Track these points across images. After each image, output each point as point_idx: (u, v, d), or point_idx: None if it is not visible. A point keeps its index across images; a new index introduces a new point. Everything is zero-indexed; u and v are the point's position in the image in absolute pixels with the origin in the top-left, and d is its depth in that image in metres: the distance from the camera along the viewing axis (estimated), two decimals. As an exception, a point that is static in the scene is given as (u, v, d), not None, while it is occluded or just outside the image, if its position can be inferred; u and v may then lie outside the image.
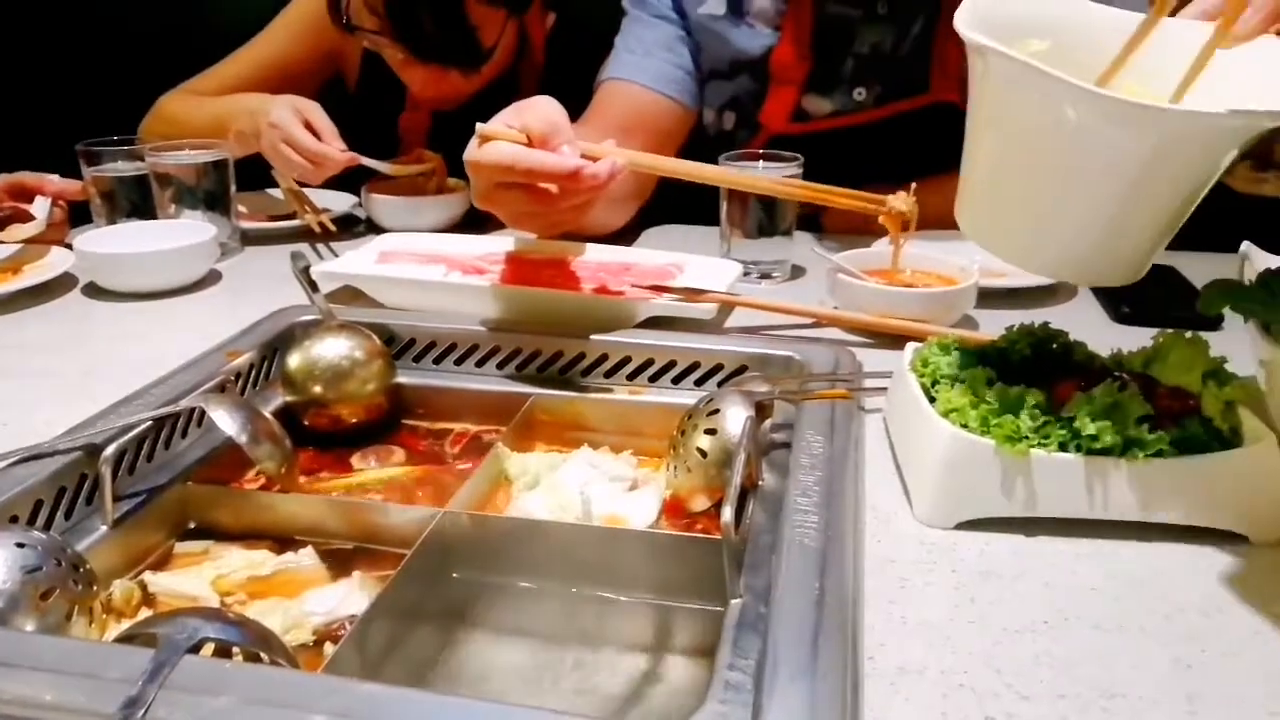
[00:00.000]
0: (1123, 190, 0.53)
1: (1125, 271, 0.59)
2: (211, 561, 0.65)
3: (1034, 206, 0.57)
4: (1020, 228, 0.59)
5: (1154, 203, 0.55)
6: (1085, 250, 0.58)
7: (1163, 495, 0.57)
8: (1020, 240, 0.60)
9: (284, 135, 1.16)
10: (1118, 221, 0.55)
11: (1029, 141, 0.55)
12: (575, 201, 0.83)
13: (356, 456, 0.78)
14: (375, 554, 0.66)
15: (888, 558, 0.57)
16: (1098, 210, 0.55)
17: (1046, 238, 0.58)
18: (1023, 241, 0.60)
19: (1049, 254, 0.59)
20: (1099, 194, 0.54)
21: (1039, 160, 0.56)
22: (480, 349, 0.86)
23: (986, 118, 0.58)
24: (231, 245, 1.17)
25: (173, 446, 0.72)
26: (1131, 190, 0.53)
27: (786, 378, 0.78)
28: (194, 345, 0.83)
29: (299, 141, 1.16)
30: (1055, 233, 0.57)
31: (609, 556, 0.63)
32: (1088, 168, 0.53)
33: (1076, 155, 0.53)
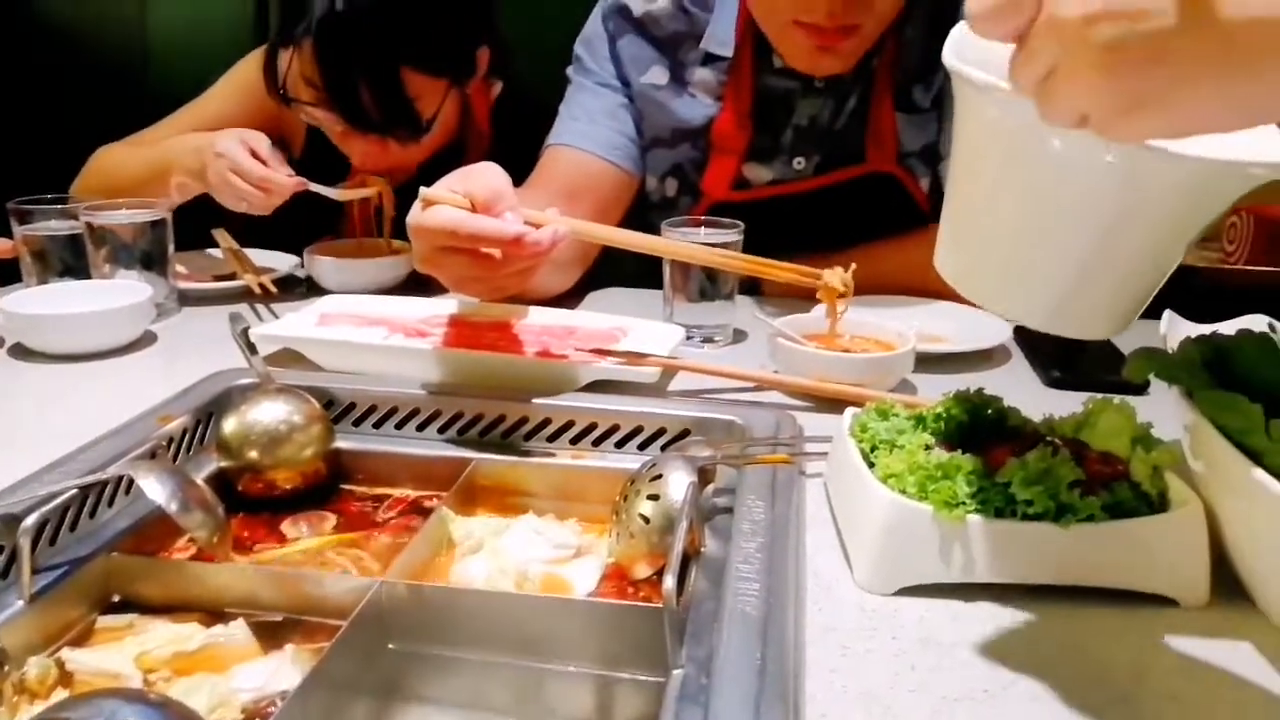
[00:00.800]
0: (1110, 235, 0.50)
1: (1111, 323, 0.57)
2: (135, 636, 0.62)
3: (1019, 251, 0.55)
4: (1004, 274, 0.57)
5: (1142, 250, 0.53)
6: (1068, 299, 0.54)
7: (1094, 560, 0.59)
8: (1004, 287, 0.58)
9: (231, 164, 1.15)
10: (1103, 269, 0.53)
11: (1013, 182, 0.54)
12: (518, 267, 0.84)
13: (287, 523, 0.77)
14: (309, 625, 0.64)
15: (829, 625, 0.57)
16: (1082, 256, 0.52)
17: (1029, 284, 0.56)
18: (1006, 288, 0.58)
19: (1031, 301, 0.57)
20: (1085, 238, 0.52)
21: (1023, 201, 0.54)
22: (421, 413, 0.85)
23: (968, 157, 0.56)
24: (168, 306, 1.15)
25: (98, 516, 0.70)
26: (1118, 236, 0.52)
27: (729, 442, 0.78)
28: (126, 409, 0.81)
29: (247, 169, 1.15)
30: (1038, 279, 0.55)
31: (550, 626, 0.62)
32: (1074, 208, 0.51)
33: (1063, 193, 0.51)
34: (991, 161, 0.55)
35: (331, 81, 1.20)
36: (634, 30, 1.24)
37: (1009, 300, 0.58)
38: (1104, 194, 0.50)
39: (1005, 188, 0.54)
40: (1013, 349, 1.05)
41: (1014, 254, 0.56)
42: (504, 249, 0.81)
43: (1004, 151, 0.53)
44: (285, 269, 1.29)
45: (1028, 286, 0.56)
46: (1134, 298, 0.56)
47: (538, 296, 1.12)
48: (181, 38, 1.84)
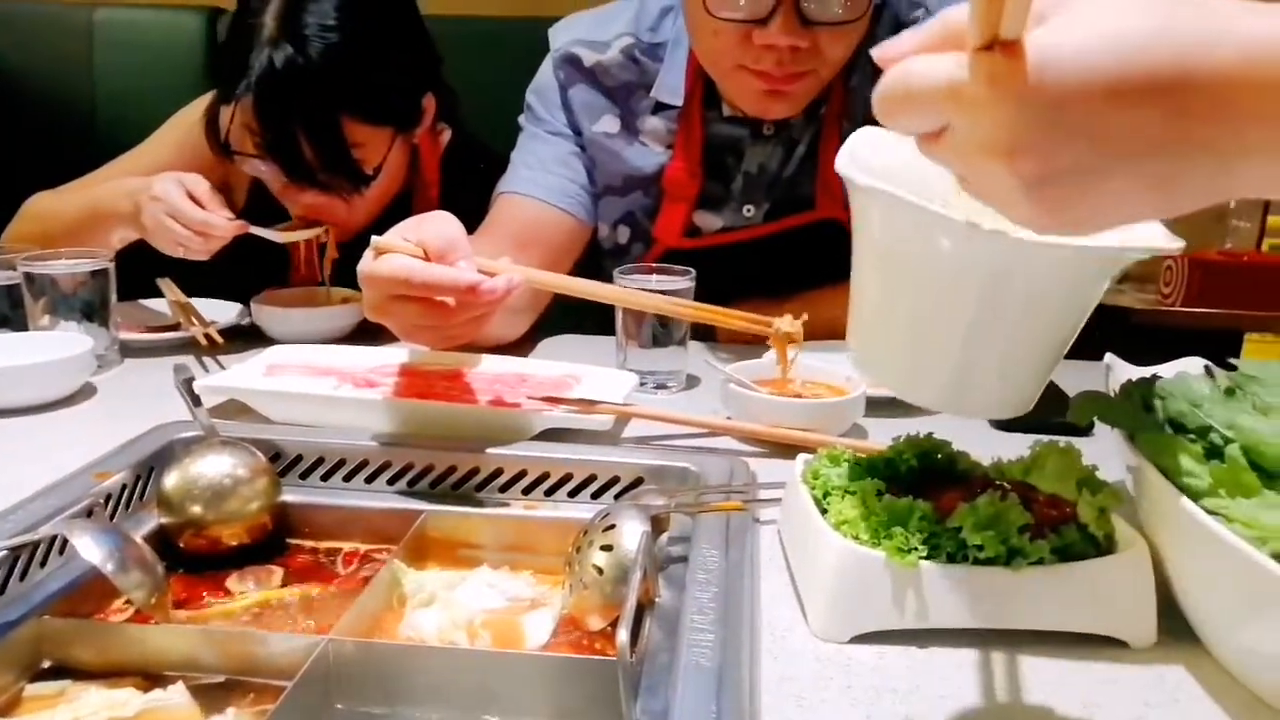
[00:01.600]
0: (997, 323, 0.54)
1: (1012, 404, 0.59)
2: (68, 704, 0.59)
3: (912, 341, 0.58)
4: (900, 362, 0.60)
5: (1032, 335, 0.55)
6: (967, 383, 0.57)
7: (1045, 603, 0.59)
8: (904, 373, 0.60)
9: (167, 208, 1.13)
10: (999, 354, 0.56)
11: (906, 276, 0.56)
12: (471, 315, 0.83)
13: (233, 579, 0.74)
14: (253, 686, 0.62)
15: (784, 674, 0.56)
16: (978, 343, 0.55)
17: (928, 372, 0.58)
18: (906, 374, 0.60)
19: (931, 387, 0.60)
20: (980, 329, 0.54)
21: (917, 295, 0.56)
22: (370, 464, 0.84)
23: (867, 255, 0.59)
24: (110, 357, 1.12)
25: (29, 577, 0.67)
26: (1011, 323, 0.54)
27: (682, 490, 0.78)
28: (62, 465, 0.79)
29: (184, 213, 1.12)
30: (937, 367, 0.57)
31: (502, 681, 0.61)
32: (951, 299, 0.54)
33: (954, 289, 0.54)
34: (872, 258, 0.58)
35: (272, 137, 1.18)
36: (585, 80, 1.26)
37: (908, 388, 0.61)
38: (978, 284, 0.52)
39: (888, 283, 0.57)
40: (961, 392, 1.06)
41: (904, 345, 0.58)
42: (458, 297, 0.81)
43: (883, 248, 0.56)
44: (231, 319, 1.27)
45: (922, 375, 0.59)
46: (1031, 379, 0.58)
47: (489, 344, 1.12)
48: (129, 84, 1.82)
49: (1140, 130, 0.37)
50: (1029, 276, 0.52)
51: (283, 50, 1.14)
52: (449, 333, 0.86)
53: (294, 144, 1.18)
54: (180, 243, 1.14)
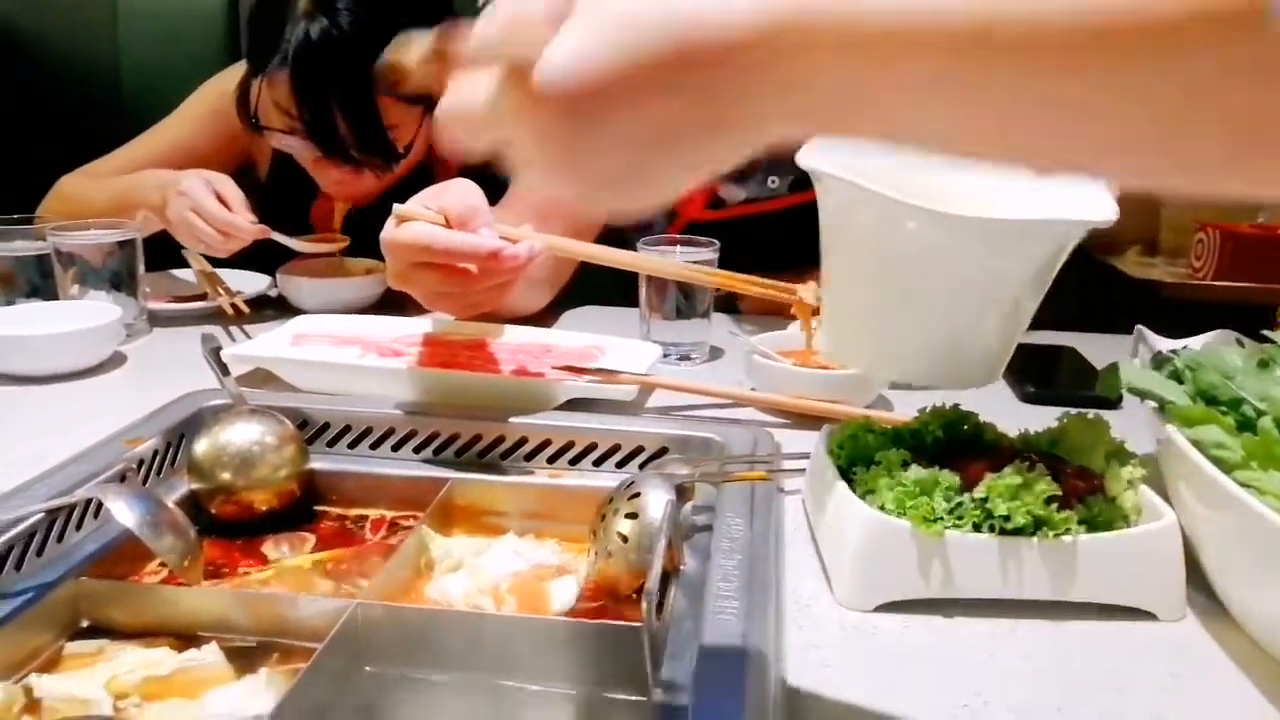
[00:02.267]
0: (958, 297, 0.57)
1: (977, 375, 0.62)
2: (106, 662, 0.61)
3: (877, 320, 0.61)
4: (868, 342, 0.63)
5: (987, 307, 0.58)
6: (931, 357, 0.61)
7: (1072, 574, 0.59)
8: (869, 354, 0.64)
9: (192, 204, 1.14)
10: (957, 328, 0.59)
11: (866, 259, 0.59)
12: (494, 282, 0.83)
13: (268, 544, 0.75)
14: (284, 649, 0.63)
15: (809, 642, 0.57)
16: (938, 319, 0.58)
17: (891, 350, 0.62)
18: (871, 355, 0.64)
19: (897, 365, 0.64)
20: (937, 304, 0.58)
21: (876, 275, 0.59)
22: (396, 432, 0.85)
23: (830, 242, 0.61)
24: (139, 327, 1.14)
25: (65, 540, 0.68)
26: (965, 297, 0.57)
27: (707, 460, 0.78)
28: (94, 432, 0.80)
29: (208, 211, 1.13)
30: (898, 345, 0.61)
31: (529, 646, 0.61)
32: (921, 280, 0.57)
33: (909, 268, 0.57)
34: (829, 238, 0.61)
35: (308, 112, 1.19)
36: (608, 50, 1.24)
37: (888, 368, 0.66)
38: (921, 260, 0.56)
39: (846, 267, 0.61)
40: (987, 365, 1.06)
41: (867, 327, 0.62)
42: (480, 264, 0.81)
43: (833, 229, 0.60)
44: (258, 289, 1.28)
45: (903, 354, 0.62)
46: (1004, 347, 0.61)
47: (513, 314, 1.12)
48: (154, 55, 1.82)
49: (660, 124, 0.34)
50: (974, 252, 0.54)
51: (318, 23, 1.15)
52: (471, 300, 0.86)
53: (329, 120, 1.18)
54: (202, 240, 1.15)
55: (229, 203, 1.15)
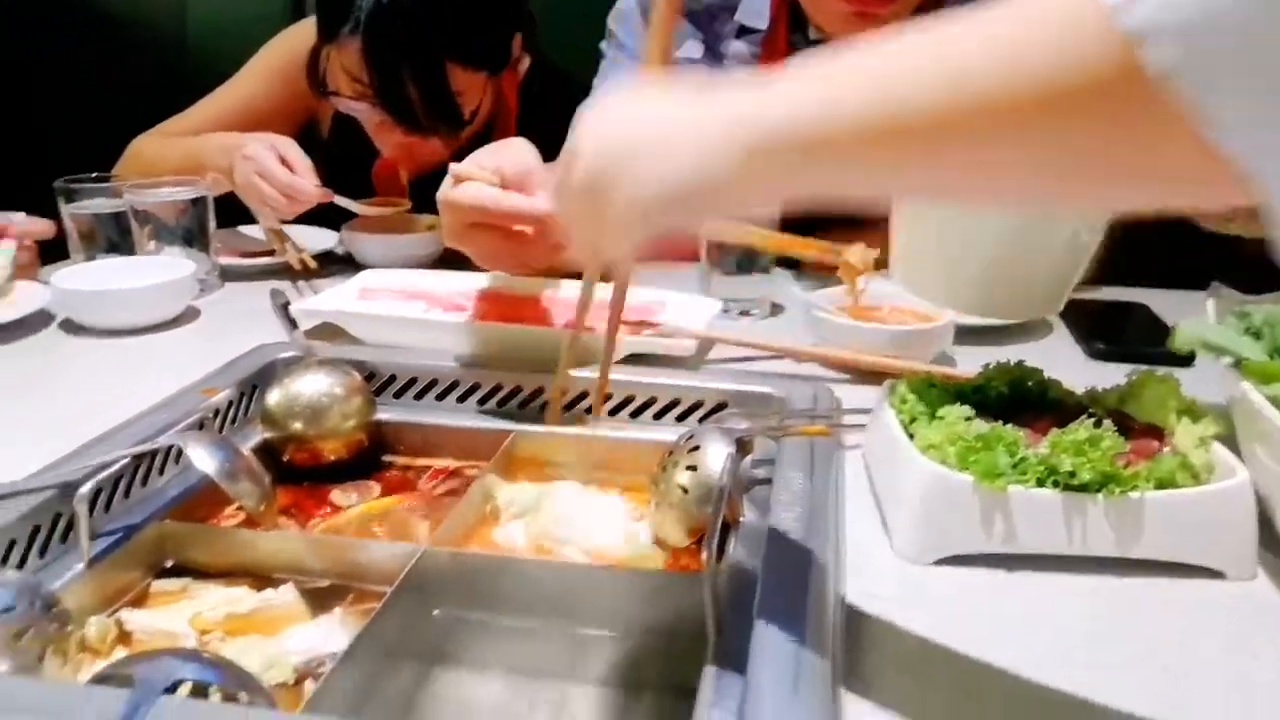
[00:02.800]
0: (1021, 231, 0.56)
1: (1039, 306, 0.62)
2: (189, 599, 0.64)
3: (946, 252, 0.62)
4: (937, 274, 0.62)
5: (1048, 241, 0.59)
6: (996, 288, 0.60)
7: (1138, 531, 0.58)
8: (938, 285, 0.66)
9: (258, 168, 1.16)
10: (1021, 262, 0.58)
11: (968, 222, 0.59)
12: (548, 244, 0.84)
13: (337, 492, 0.78)
14: (356, 591, 0.66)
15: (868, 594, 0.57)
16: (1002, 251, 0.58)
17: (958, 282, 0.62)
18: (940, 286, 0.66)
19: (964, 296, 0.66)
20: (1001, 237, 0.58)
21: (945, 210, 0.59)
22: (460, 385, 0.86)
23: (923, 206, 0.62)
24: (211, 282, 1.17)
25: (150, 484, 0.71)
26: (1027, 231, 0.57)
27: (767, 414, 0.78)
28: (171, 382, 0.83)
29: (273, 174, 1.16)
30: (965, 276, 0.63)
31: (590, 593, 0.63)
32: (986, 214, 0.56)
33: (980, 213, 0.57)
34: None
35: (379, 79, 1.20)
36: (668, 3, 1.23)
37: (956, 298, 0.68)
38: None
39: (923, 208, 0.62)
40: (1054, 321, 1.04)
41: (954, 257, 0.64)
42: (535, 227, 0.81)
43: None
44: (325, 245, 1.30)
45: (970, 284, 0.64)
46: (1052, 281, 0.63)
47: (572, 270, 1.12)
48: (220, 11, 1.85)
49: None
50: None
51: None
52: (525, 260, 0.86)
53: (399, 87, 1.19)
54: (267, 203, 1.18)
55: (293, 166, 1.17)
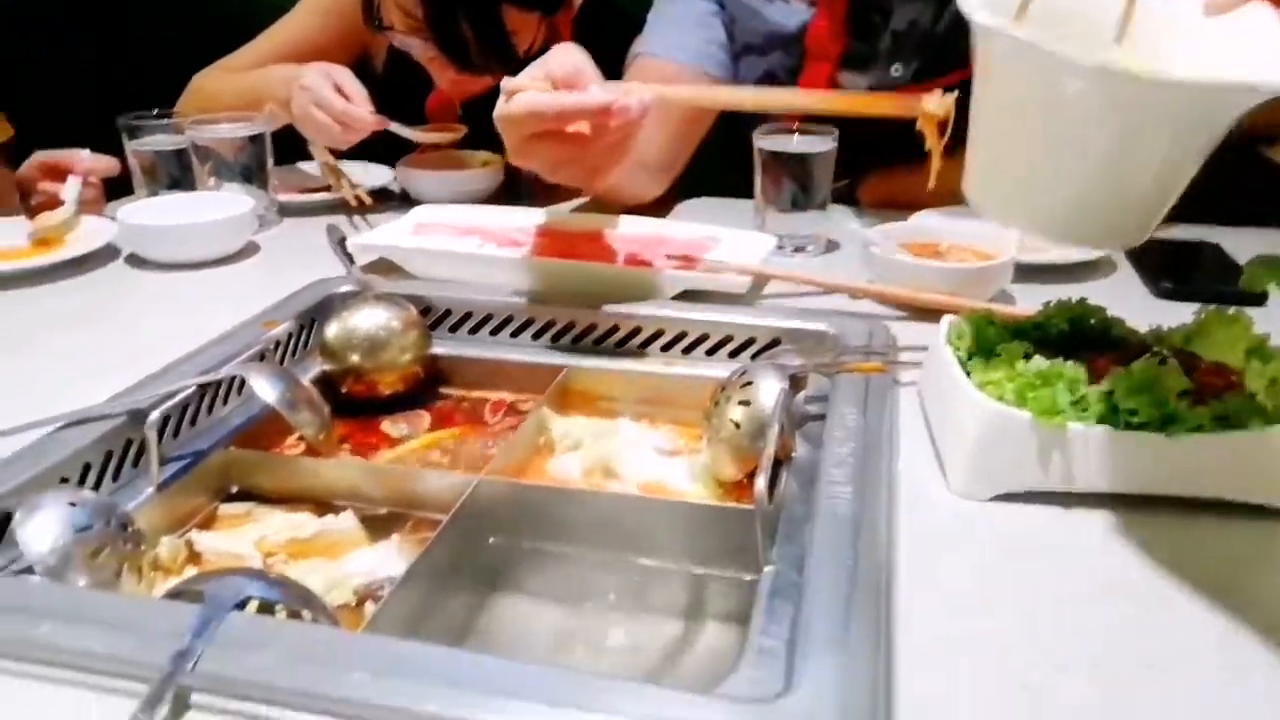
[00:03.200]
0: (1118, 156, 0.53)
1: (1129, 234, 0.58)
2: (254, 523, 0.66)
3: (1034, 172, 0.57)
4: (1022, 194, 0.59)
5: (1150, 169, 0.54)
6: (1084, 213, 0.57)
7: (1202, 470, 0.57)
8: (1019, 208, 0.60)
9: (314, 98, 1.17)
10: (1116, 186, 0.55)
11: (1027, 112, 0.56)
12: (610, 141, 0.82)
13: (387, 422, 0.80)
14: (413, 519, 0.67)
15: (922, 529, 0.57)
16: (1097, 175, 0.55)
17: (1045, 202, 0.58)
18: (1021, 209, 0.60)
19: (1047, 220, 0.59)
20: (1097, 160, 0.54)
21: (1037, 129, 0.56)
22: (515, 320, 0.87)
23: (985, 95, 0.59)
24: (269, 217, 1.18)
25: (215, 413, 0.73)
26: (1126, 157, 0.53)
27: (821, 351, 0.78)
28: (233, 315, 0.84)
29: (329, 103, 1.16)
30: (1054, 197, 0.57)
31: (643, 524, 0.64)
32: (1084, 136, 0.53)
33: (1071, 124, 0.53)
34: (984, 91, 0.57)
35: (433, 16, 1.19)
36: (724, -68, 1.20)
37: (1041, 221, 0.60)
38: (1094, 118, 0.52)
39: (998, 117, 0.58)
40: (1119, 259, 1.01)
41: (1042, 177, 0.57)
42: (593, 122, 0.80)
43: (991, 82, 0.57)
44: (380, 181, 1.31)
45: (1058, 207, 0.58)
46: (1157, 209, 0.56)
47: (630, 202, 1.12)
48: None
49: None
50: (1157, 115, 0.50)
51: None
52: (590, 164, 0.85)
53: (453, 24, 1.18)
54: (323, 131, 1.18)
55: (348, 95, 1.18)
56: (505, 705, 0.41)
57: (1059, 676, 0.45)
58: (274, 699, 0.42)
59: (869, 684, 0.42)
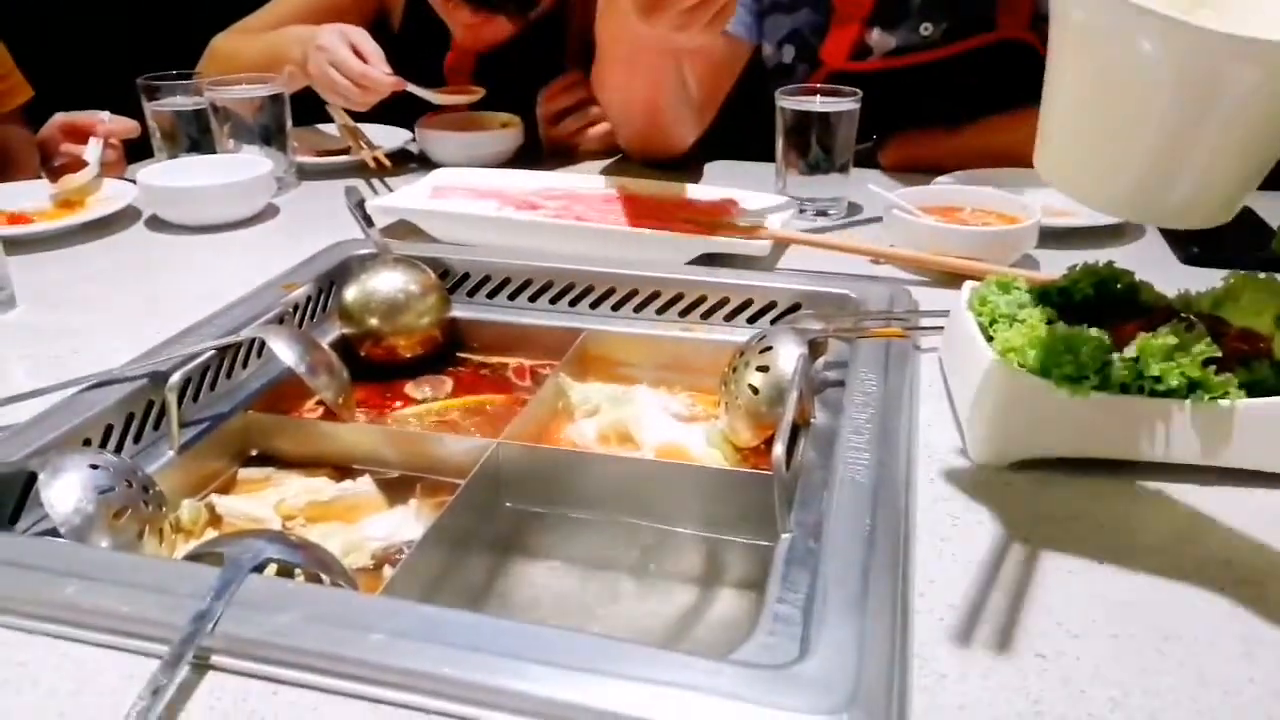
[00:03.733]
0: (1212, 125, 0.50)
1: (1215, 212, 0.55)
2: (274, 487, 0.66)
3: (1116, 146, 0.54)
4: (1102, 169, 0.56)
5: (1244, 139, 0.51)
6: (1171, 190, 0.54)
7: (1227, 439, 0.56)
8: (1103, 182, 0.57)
9: (330, 58, 1.16)
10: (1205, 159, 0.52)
11: (1111, 77, 0.53)
12: None
13: (410, 385, 0.80)
14: (431, 483, 0.67)
15: (940, 496, 0.56)
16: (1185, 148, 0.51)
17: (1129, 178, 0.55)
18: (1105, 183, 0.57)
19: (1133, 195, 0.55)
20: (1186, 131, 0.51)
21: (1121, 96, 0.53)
22: (533, 284, 0.86)
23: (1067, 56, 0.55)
24: (288, 180, 1.18)
25: (234, 376, 0.74)
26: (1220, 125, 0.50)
27: (841, 316, 0.77)
28: (252, 278, 0.85)
29: (345, 64, 1.16)
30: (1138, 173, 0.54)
31: (660, 489, 0.63)
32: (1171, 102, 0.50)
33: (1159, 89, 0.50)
34: (1068, 56, 0.54)
35: None
36: (751, -114, 1.18)
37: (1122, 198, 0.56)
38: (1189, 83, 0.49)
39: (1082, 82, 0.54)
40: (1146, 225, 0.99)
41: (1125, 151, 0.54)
42: None
43: (1076, 45, 0.53)
44: (398, 143, 1.30)
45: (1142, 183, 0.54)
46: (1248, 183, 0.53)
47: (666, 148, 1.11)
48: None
49: None
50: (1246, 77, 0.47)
51: None
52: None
53: None
54: (340, 92, 1.17)
55: (365, 56, 1.17)
56: (521, 668, 0.41)
57: (1075, 645, 0.45)
58: (293, 660, 0.42)
59: (885, 650, 0.42)
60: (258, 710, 0.41)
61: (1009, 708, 0.41)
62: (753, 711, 0.39)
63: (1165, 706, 0.41)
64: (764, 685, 0.40)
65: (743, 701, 0.39)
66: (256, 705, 0.41)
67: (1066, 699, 0.42)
